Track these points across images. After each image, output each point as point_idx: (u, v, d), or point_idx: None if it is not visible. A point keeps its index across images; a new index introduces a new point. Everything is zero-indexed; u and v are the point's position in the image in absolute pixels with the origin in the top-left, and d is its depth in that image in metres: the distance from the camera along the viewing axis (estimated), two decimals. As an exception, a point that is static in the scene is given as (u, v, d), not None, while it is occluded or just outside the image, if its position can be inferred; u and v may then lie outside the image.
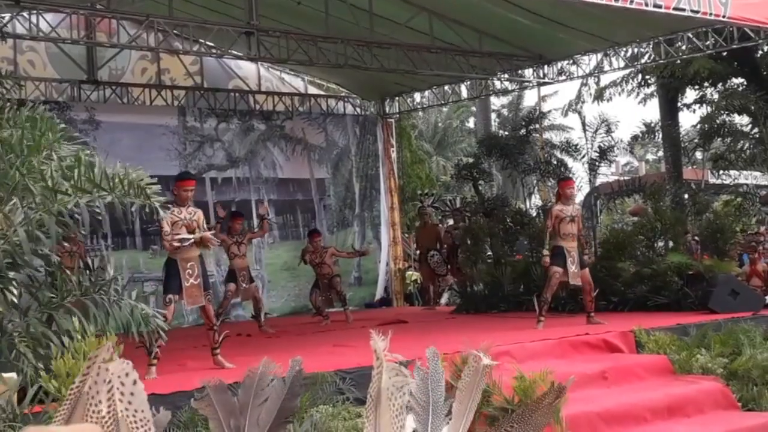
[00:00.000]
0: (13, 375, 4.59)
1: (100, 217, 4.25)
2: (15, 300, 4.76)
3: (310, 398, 5.92)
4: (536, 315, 10.21)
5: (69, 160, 4.36)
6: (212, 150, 14.88)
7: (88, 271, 5.14)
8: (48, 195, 4.21)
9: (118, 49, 12.99)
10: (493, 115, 36.23)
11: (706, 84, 21.50)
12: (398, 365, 4.03)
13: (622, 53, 13.88)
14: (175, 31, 11.60)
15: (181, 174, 8.90)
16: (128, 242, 8.91)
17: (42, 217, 4.11)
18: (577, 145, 14.74)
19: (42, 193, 4.19)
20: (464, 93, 17.16)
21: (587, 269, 10.54)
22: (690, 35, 12.58)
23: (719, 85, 21.50)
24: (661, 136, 19.73)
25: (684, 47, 12.89)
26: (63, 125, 4.86)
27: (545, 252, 10.41)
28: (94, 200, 4.22)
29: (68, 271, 5.18)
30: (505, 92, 20.24)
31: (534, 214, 14.61)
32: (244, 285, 11.56)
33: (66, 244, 8.35)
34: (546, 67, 14.51)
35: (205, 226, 8.33)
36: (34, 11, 10.31)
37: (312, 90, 16.51)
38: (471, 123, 40.12)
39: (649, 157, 43.84)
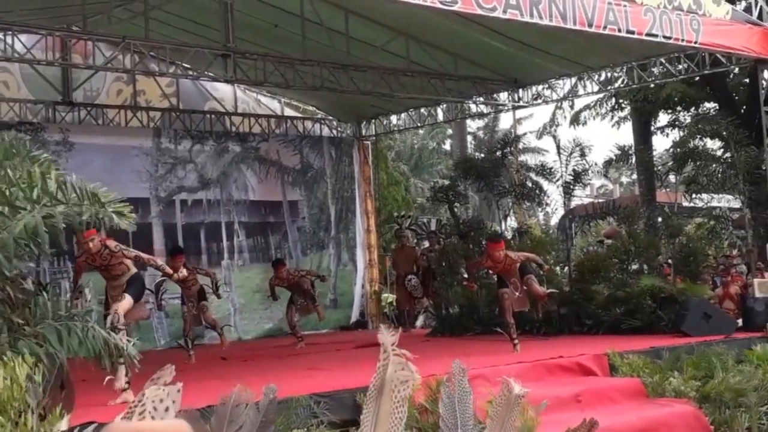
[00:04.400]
0: None
1: (69, 228, 4.18)
2: None
3: (284, 422, 5.89)
4: (510, 340, 10.22)
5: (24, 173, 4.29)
6: (184, 172, 14.80)
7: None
8: (7, 212, 4.14)
9: (94, 70, 12.94)
10: (469, 138, 36.45)
11: (678, 108, 21.79)
12: (405, 361, 4.03)
13: (596, 77, 14.05)
14: (151, 53, 11.58)
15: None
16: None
17: (4, 237, 4.05)
18: (551, 168, 14.82)
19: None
20: (440, 116, 17.27)
21: (530, 277, 10.72)
22: (663, 60, 12.76)
23: (692, 110, 21.78)
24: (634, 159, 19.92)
25: (657, 72, 13.06)
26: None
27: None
28: (54, 215, 4.14)
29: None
30: (480, 115, 20.36)
31: (509, 237, 14.64)
32: (193, 312, 11.42)
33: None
34: (521, 90, 14.65)
35: (123, 249, 8.30)
36: (9, 32, 10.25)
37: (288, 112, 16.52)
38: (447, 145, 40.28)
39: (624, 179, 44.20)
